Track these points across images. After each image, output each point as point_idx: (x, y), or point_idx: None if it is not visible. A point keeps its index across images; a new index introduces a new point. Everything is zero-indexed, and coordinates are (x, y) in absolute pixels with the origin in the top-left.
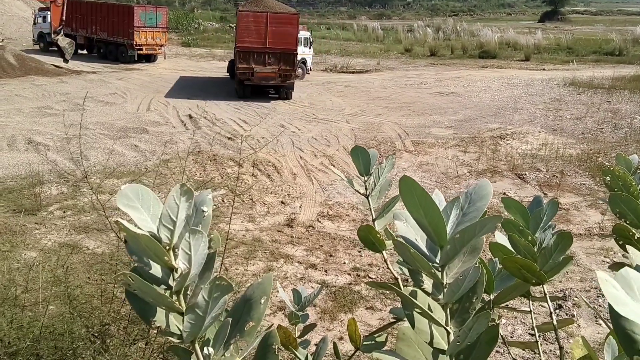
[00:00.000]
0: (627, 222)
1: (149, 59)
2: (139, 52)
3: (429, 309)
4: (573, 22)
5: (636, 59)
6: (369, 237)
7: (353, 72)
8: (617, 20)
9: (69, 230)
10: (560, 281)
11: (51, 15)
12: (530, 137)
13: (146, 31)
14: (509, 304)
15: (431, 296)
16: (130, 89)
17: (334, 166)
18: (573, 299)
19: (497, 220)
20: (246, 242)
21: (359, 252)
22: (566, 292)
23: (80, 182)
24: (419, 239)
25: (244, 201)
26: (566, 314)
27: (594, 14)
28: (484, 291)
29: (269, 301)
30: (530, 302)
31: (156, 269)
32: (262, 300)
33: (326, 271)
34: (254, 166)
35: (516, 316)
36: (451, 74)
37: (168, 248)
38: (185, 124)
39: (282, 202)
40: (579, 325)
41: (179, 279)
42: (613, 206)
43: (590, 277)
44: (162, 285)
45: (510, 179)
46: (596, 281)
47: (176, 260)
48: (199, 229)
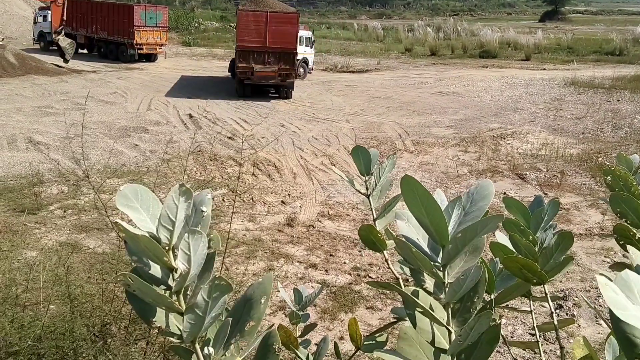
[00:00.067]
0: (628, 222)
1: (150, 58)
2: (139, 51)
3: (431, 308)
4: (573, 22)
5: (636, 58)
6: (370, 237)
7: (353, 72)
8: (618, 20)
9: (70, 230)
10: (561, 281)
11: (52, 15)
12: (531, 137)
13: (146, 30)
14: (509, 303)
15: (433, 295)
16: (131, 88)
17: (334, 166)
18: (573, 299)
19: (499, 219)
20: (247, 241)
21: (360, 251)
22: (567, 292)
23: (81, 181)
24: (420, 238)
25: (244, 201)
26: (566, 313)
27: (594, 13)
28: (485, 291)
29: (269, 301)
30: (531, 302)
31: (156, 270)
32: (263, 300)
33: (326, 271)
34: (254, 166)
35: (516, 316)
36: (452, 73)
37: (167, 248)
38: (185, 124)
39: (282, 201)
40: (579, 325)
41: (178, 279)
42: (614, 206)
43: (591, 277)
44: (161, 285)
45: (510, 178)
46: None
47: (175, 260)
48: (198, 229)
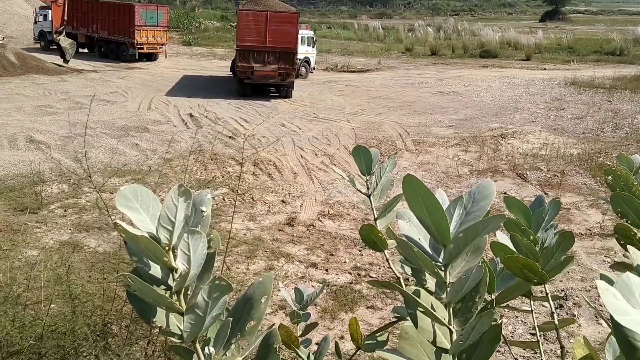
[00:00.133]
0: (629, 221)
1: (150, 57)
2: (139, 50)
3: (432, 308)
4: (574, 22)
5: (637, 58)
6: (371, 236)
7: (354, 71)
8: (618, 20)
9: (70, 229)
10: (561, 281)
11: (52, 15)
12: (531, 137)
13: (147, 30)
14: (509, 303)
15: (434, 295)
16: (131, 87)
17: (334, 165)
18: (574, 299)
19: (501, 219)
20: (247, 241)
21: (360, 251)
22: (567, 291)
23: (82, 180)
24: (422, 238)
25: (244, 200)
26: (567, 313)
27: (594, 13)
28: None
29: (269, 300)
30: (532, 302)
31: (156, 270)
32: (263, 300)
33: (327, 270)
34: (254, 165)
35: (517, 315)
36: (452, 73)
37: (167, 249)
38: (186, 123)
39: (282, 201)
40: (579, 325)
41: (178, 279)
42: (615, 206)
43: (591, 277)
44: (162, 285)
45: (511, 178)
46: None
47: (175, 260)
48: (197, 229)
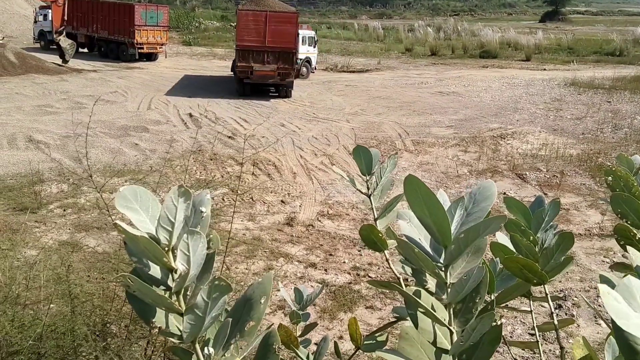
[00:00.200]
0: (629, 222)
1: (150, 57)
2: (139, 50)
3: (432, 308)
4: (574, 23)
5: (637, 59)
6: (371, 237)
7: (354, 72)
8: (618, 20)
9: (70, 229)
10: (560, 281)
11: (52, 15)
12: (531, 137)
13: (147, 30)
14: (509, 303)
15: (435, 296)
16: (131, 87)
17: (334, 165)
18: (573, 299)
19: (502, 220)
20: (246, 241)
21: (359, 251)
22: (566, 292)
23: (82, 180)
24: (422, 238)
25: (244, 200)
26: (566, 313)
27: (594, 14)
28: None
29: (269, 300)
30: (531, 302)
31: (155, 270)
32: (262, 300)
33: (326, 270)
34: (254, 165)
35: (516, 316)
36: (452, 73)
37: (167, 249)
38: (185, 123)
39: (282, 201)
40: (578, 325)
41: (178, 279)
42: (615, 206)
43: (590, 277)
44: (161, 286)
45: (510, 178)
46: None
47: (175, 261)
48: (197, 229)
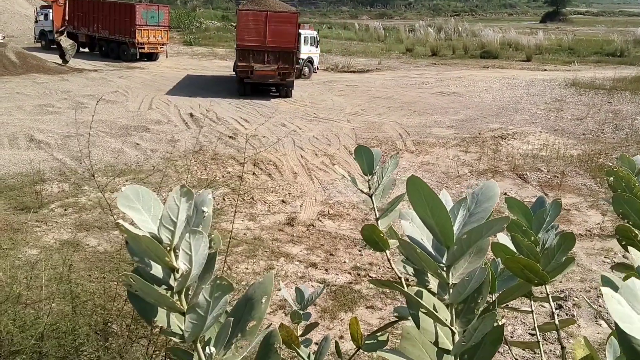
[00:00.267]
0: (630, 223)
1: (151, 57)
2: (140, 50)
3: (434, 308)
4: (574, 23)
5: (637, 60)
6: (372, 236)
7: (354, 72)
8: (619, 21)
9: (71, 228)
10: (561, 281)
11: (53, 15)
12: (532, 138)
13: (148, 29)
14: (509, 303)
15: (437, 296)
16: (132, 87)
17: (335, 165)
18: (573, 299)
19: (505, 221)
20: (247, 240)
21: (360, 251)
22: (567, 292)
23: (83, 179)
24: (425, 238)
25: (244, 200)
26: (566, 314)
27: (595, 14)
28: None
29: (270, 299)
30: (532, 302)
31: (157, 270)
32: (264, 300)
33: (326, 270)
34: (255, 165)
35: (516, 316)
36: (452, 74)
37: (169, 249)
38: (186, 123)
39: (282, 201)
40: (579, 326)
41: (180, 279)
42: (616, 207)
43: (591, 278)
44: (163, 285)
45: (511, 179)
46: (597, 281)
47: (177, 260)
48: (199, 229)
